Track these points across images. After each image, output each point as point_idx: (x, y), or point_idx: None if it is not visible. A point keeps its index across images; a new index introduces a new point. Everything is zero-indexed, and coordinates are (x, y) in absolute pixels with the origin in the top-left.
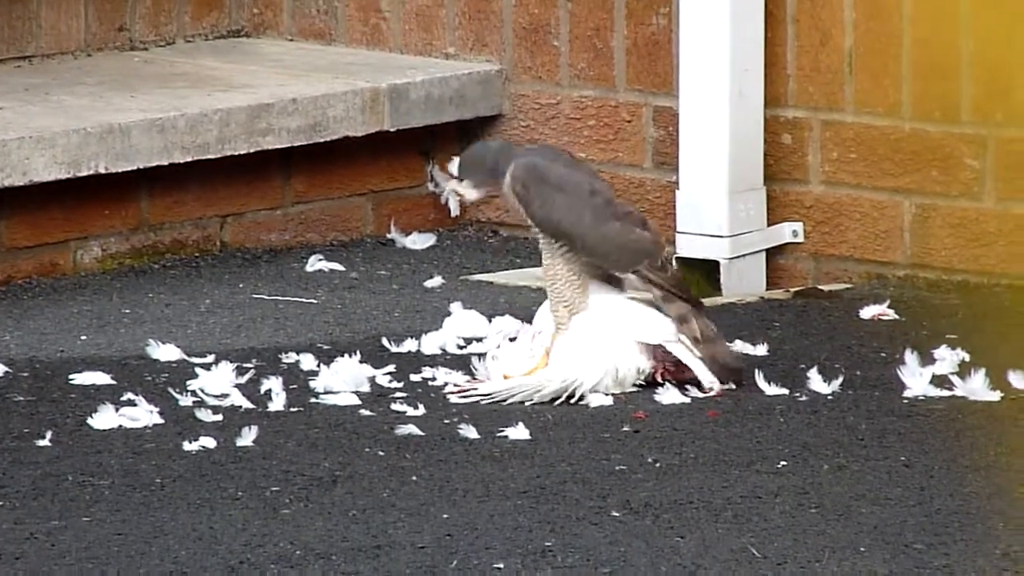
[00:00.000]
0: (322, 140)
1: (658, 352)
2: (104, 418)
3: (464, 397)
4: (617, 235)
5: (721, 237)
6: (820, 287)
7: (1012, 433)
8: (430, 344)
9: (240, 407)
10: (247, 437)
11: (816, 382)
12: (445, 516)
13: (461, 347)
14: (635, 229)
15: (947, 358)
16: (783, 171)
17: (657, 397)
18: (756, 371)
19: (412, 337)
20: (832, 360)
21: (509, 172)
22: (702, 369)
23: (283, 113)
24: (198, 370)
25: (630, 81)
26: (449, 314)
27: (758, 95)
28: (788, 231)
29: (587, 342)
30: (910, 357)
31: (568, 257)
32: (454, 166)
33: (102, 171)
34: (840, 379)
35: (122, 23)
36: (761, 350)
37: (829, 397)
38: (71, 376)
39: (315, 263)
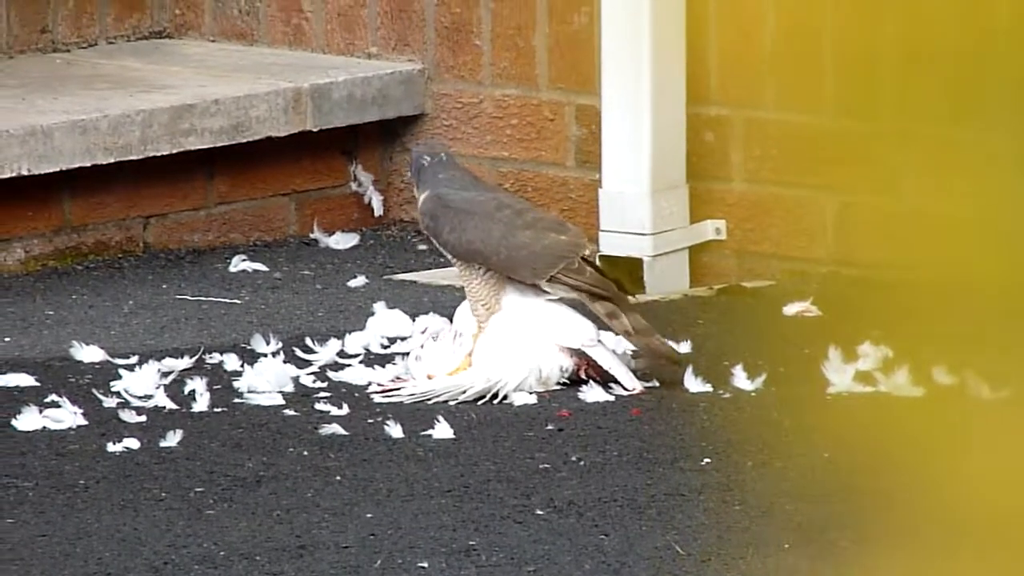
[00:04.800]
0: (245, 140)
1: (579, 353)
2: (28, 419)
3: (388, 397)
4: (529, 243)
5: (644, 235)
6: (743, 284)
7: (935, 430)
8: (354, 344)
9: (164, 408)
10: (171, 438)
11: (740, 379)
12: (369, 515)
13: (385, 347)
14: (548, 234)
15: (870, 354)
16: (706, 168)
17: (581, 395)
18: (679, 368)
19: (336, 337)
20: (756, 357)
21: (418, 207)
22: (623, 372)
23: (205, 114)
24: (122, 371)
25: (552, 80)
26: (372, 314)
27: (680, 93)
28: (711, 229)
29: (510, 342)
30: (833, 353)
31: (485, 274)
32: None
33: (24, 173)
34: (764, 376)
35: (44, 25)
36: (685, 347)
37: (753, 394)
38: None
39: (238, 263)
